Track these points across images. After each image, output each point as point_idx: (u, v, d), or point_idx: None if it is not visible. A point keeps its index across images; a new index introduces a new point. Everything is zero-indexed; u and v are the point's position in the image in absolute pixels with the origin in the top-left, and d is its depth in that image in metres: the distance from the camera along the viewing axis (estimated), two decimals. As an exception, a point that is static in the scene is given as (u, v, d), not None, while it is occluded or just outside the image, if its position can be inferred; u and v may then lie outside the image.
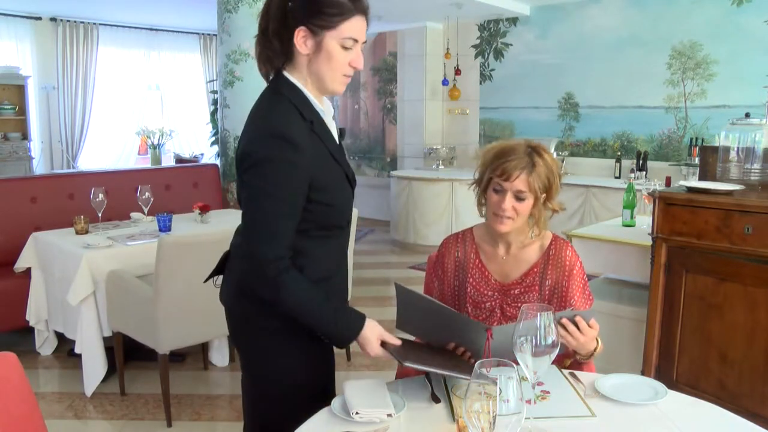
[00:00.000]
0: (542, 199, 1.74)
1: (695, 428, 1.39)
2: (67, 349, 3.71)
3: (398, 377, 1.70)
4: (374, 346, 1.51)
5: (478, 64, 7.39)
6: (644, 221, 3.28)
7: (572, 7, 6.51)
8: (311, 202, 1.47)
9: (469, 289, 1.84)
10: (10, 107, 7.37)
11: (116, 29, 8.37)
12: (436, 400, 1.48)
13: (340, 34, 1.45)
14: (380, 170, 8.44)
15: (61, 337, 3.70)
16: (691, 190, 2.62)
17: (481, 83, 7.40)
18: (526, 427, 1.23)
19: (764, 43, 5.31)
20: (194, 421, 3.04)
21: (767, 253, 2.35)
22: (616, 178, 6.06)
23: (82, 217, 3.59)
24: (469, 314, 1.82)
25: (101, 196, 3.66)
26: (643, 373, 2.67)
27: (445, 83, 7.37)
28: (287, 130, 1.43)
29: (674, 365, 2.66)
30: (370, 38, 7.97)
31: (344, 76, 1.50)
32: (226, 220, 3.98)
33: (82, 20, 7.94)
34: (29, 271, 3.62)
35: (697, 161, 4.86)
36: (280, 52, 1.48)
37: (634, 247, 3.01)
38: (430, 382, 1.57)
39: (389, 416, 1.37)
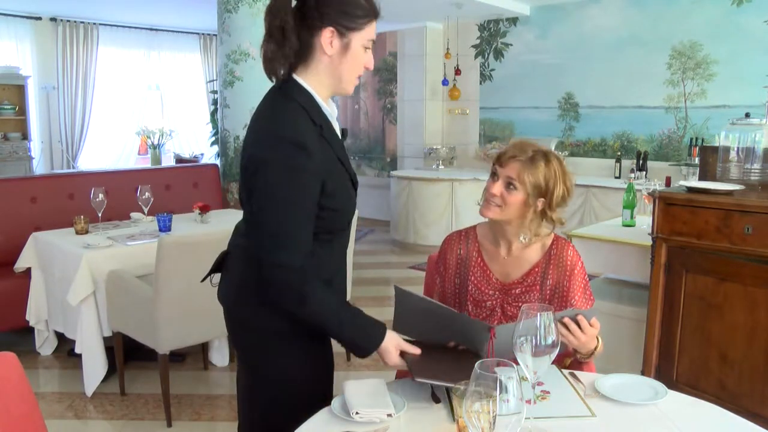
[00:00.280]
0: (538, 202, 1.73)
1: (695, 428, 1.39)
2: (67, 349, 3.71)
3: (398, 377, 1.70)
4: (393, 356, 1.52)
5: (478, 64, 7.39)
6: (644, 221, 3.28)
7: (572, 7, 6.51)
8: (321, 208, 1.46)
9: (470, 287, 1.84)
10: (10, 107, 7.37)
11: (116, 29, 8.37)
12: (436, 400, 1.48)
13: (365, 35, 1.47)
14: (380, 170, 8.44)
15: (61, 337, 3.70)
16: (691, 190, 2.62)
17: (481, 83, 7.40)
18: (526, 427, 1.23)
19: (764, 43, 5.32)
20: (194, 421, 3.05)
21: (767, 253, 2.36)
22: (616, 178, 6.06)
23: (82, 217, 3.59)
24: (469, 313, 1.82)
25: (101, 196, 3.66)
26: (643, 373, 2.67)
27: (445, 83, 7.37)
28: (301, 136, 1.41)
29: (674, 365, 2.66)
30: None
31: (358, 77, 1.52)
32: (226, 220, 3.98)
33: (82, 20, 7.94)
34: (29, 271, 3.63)
35: (697, 161, 4.86)
36: (298, 50, 1.46)
37: (634, 247, 3.01)
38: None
39: (389, 416, 1.37)
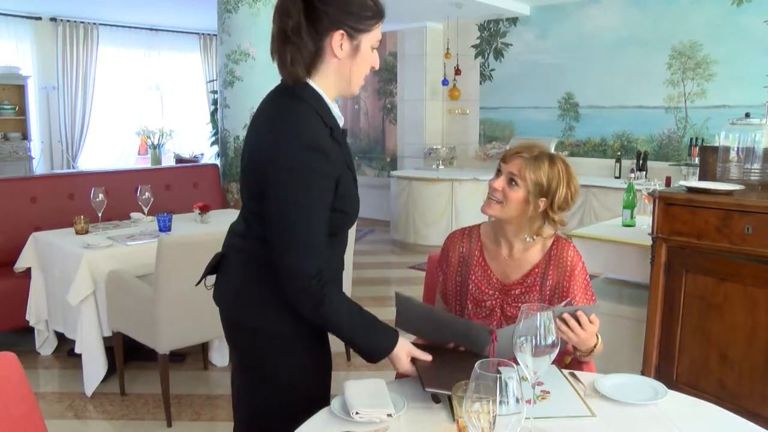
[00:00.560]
0: (539, 202, 1.73)
1: (695, 428, 1.39)
2: (67, 349, 3.71)
3: (398, 377, 1.70)
4: (404, 363, 1.52)
5: (478, 64, 7.39)
6: (644, 221, 3.28)
7: (572, 7, 6.51)
8: (331, 210, 1.46)
9: (470, 286, 1.84)
10: (10, 107, 7.37)
11: (116, 29, 8.37)
12: (436, 400, 1.48)
13: (373, 37, 1.48)
14: (380, 170, 8.44)
15: (61, 337, 3.70)
16: (691, 190, 2.62)
17: (481, 83, 7.40)
18: (526, 427, 1.23)
19: (764, 43, 5.32)
20: (194, 421, 3.05)
21: (767, 253, 2.36)
22: (616, 178, 6.06)
23: (82, 217, 3.59)
24: (469, 312, 1.82)
25: (101, 196, 3.66)
26: (643, 373, 2.67)
27: (445, 83, 7.37)
28: (319, 140, 1.41)
29: (674, 365, 2.66)
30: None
31: (364, 77, 1.53)
32: (226, 220, 3.91)
33: (82, 20, 7.94)
34: (29, 271, 3.62)
35: (697, 161, 4.86)
36: (314, 53, 1.44)
37: (634, 247, 3.01)
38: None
39: (389, 416, 1.37)
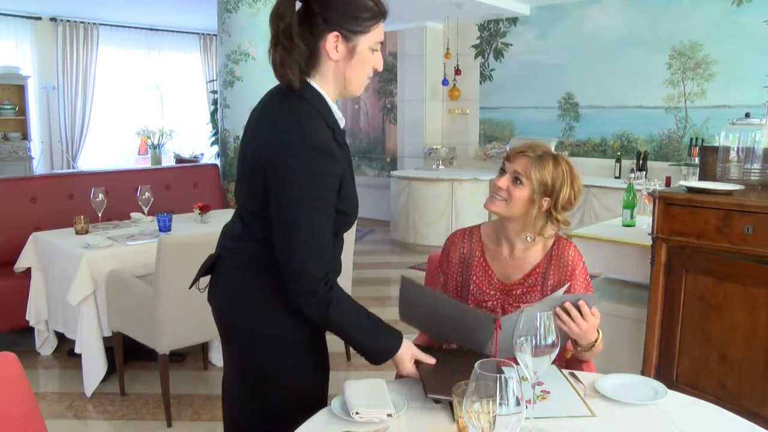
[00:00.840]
0: (543, 201, 1.74)
1: (695, 428, 1.39)
2: (67, 349, 3.71)
3: (398, 377, 1.70)
4: (407, 365, 1.52)
5: (478, 64, 7.39)
6: (644, 221, 3.28)
7: (572, 7, 6.51)
8: (335, 212, 1.46)
9: (471, 286, 1.84)
10: (10, 107, 7.37)
11: (116, 29, 8.37)
12: (436, 400, 1.48)
13: (372, 38, 1.45)
14: (380, 170, 8.44)
15: (61, 337, 3.70)
16: (691, 190, 2.62)
17: (481, 83, 7.40)
18: (526, 427, 1.23)
19: (764, 43, 5.31)
20: (194, 421, 3.05)
21: (767, 253, 2.36)
22: (616, 178, 6.05)
23: (82, 217, 3.59)
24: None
25: (101, 196, 3.66)
26: (643, 373, 2.67)
27: (445, 83, 7.37)
28: (325, 141, 1.40)
29: (674, 365, 2.66)
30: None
31: (367, 78, 1.51)
32: (226, 220, 3.90)
33: (82, 20, 7.94)
34: (29, 271, 3.62)
35: (697, 161, 4.86)
36: (307, 55, 1.43)
37: (634, 247, 3.01)
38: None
39: (389, 416, 1.37)
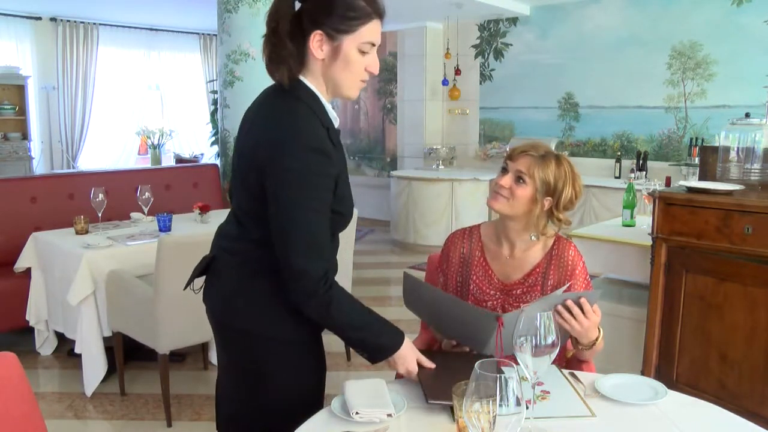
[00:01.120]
0: (545, 201, 1.75)
1: (695, 428, 1.39)
2: (67, 349, 3.71)
3: (398, 377, 1.70)
4: (410, 362, 1.50)
5: (478, 64, 7.39)
6: (644, 221, 3.28)
7: (572, 7, 6.51)
8: (331, 212, 1.45)
9: (471, 286, 1.84)
10: (10, 107, 7.37)
11: (116, 29, 8.37)
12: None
13: (359, 38, 1.40)
14: (380, 170, 8.44)
15: (61, 337, 3.70)
16: (691, 190, 2.62)
17: (481, 83, 7.40)
18: (526, 427, 1.23)
19: (764, 43, 5.31)
20: (194, 421, 3.05)
21: (767, 253, 2.35)
22: (616, 178, 6.05)
23: (82, 217, 3.59)
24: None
25: (101, 196, 3.66)
26: (643, 373, 2.67)
27: (445, 83, 7.37)
28: (321, 141, 1.39)
29: (674, 365, 2.66)
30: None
31: (361, 81, 1.46)
32: (226, 220, 3.97)
33: (82, 20, 7.94)
34: (29, 271, 3.62)
35: (697, 161, 4.85)
36: (295, 54, 1.41)
37: (634, 247, 3.01)
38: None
39: (389, 416, 1.37)
